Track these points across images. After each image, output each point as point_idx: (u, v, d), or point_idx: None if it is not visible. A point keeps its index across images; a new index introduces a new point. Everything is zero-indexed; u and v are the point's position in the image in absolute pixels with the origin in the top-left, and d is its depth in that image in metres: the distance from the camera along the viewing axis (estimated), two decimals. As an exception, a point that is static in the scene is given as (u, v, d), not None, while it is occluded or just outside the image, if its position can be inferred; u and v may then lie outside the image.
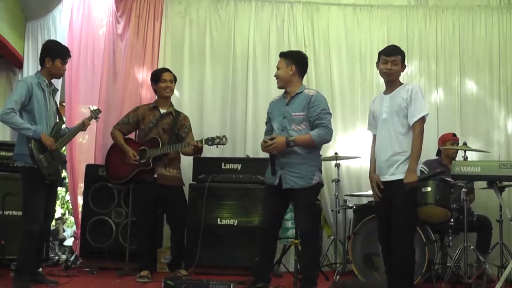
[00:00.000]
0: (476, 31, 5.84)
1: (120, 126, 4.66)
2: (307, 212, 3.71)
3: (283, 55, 3.91)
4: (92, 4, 5.74)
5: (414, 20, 5.88)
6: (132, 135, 4.78)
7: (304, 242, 3.73)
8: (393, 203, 3.55)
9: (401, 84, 3.75)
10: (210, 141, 4.41)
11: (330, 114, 3.75)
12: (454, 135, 5.14)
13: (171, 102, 4.73)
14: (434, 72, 5.79)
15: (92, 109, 4.42)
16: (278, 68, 3.84)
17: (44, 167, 3.79)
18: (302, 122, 3.69)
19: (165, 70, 4.76)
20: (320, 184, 3.81)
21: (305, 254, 3.75)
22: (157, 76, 4.66)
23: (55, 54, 3.97)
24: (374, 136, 3.79)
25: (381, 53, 3.76)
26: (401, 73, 3.80)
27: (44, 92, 3.92)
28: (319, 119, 3.66)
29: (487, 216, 4.84)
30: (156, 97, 4.74)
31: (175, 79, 4.76)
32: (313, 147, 3.74)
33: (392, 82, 3.74)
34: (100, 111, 4.46)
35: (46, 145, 3.80)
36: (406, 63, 5.77)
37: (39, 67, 4.07)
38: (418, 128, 3.56)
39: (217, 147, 4.46)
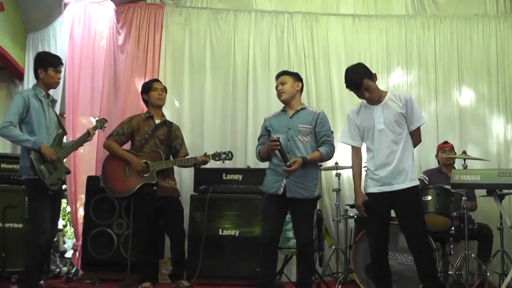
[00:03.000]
0: (474, 40, 5.88)
1: (115, 137, 4.56)
2: (309, 222, 3.84)
3: (287, 73, 4.02)
4: (92, 16, 5.76)
5: (413, 29, 5.93)
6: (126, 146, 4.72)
7: (306, 251, 3.82)
8: (407, 210, 3.53)
9: (385, 91, 3.69)
10: (217, 156, 4.47)
11: (333, 132, 3.94)
12: (445, 142, 5.16)
13: (162, 113, 4.73)
14: (433, 81, 5.82)
15: (97, 119, 4.40)
16: (283, 83, 3.90)
17: (46, 178, 3.76)
18: (308, 134, 3.81)
19: (156, 80, 4.80)
20: (319, 196, 3.96)
21: (304, 262, 3.84)
22: (149, 86, 4.68)
23: (46, 64, 3.96)
24: (356, 149, 3.71)
25: None
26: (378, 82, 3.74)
27: (42, 103, 3.90)
28: (327, 136, 3.82)
29: (487, 224, 4.86)
30: (148, 108, 4.70)
31: (165, 90, 4.77)
32: (319, 162, 3.97)
33: (376, 95, 3.65)
34: (106, 121, 4.43)
35: (46, 155, 3.77)
36: (404, 71, 5.87)
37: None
38: (415, 133, 3.62)
39: (223, 162, 4.51)
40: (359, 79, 3.57)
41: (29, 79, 5.47)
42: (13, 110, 3.77)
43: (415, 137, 3.63)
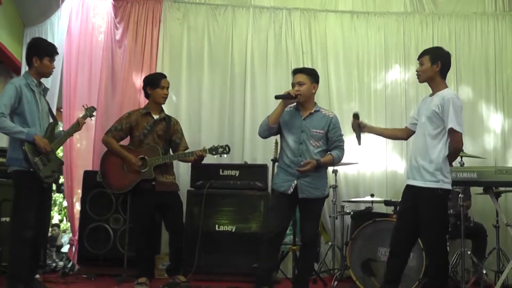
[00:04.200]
0: (472, 38, 5.89)
1: (113, 133, 4.50)
2: (316, 220, 3.96)
3: (306, 72, 3.95)
4: (90, 10, 5.75)
5: (411, 27, 5.93)
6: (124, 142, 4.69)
7: (309, 248, 3.91)
8: (423, 211, 3.49)
9: (446, 87, 3.63)
10: (214, 150, 4.41)
11: (343, 135, 3.99)
12: None
13: (162, 108, 4.68)
14: (431, 79, 5.81)
15: (86, 107, 4.26)
16: (301, 84, 3.85)
17: (40, 170, 3.69)
18: (320, 139, 3.84)
19: (164, 76, 4.68)
20: (328, 195, 4.03)
21: (306, 259, 3.93)
22: (156, 82, 4.56)
23: (42, 52, 3.82)
24: (406, 127, 3.81)
25: None
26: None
27: (34, 93, 3.78)
28: (339, 141, 3.89)
29: (482, 224, 4.87)
30: (148, 102, 4.63)
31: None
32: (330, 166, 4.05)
33: (431, 84, 3.66)
34: (95, 109, 4.32)
35: (40, 147, 3.68)
36: (402, 69, 5.84)
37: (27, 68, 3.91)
38: (450, 137, 3.50)
39: (220, 156, 4.46)
40: (425, 50, 3.67)
41: (26, 74, 5.44)
42: (5, 101, 3.62)
43: (451, 142, 3.49)
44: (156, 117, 4.55)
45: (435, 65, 3.57)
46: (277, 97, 3.82)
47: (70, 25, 5.59)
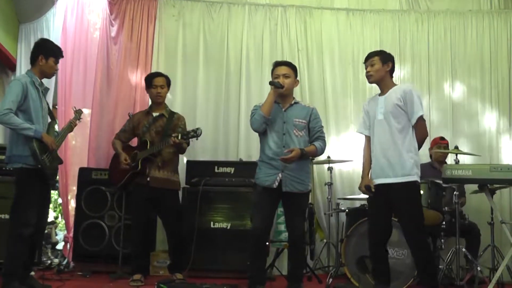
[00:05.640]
0: (467, 35, 5.90)
1: (119, 134, 4.71)
2: (302, 215, 3.93)
3: (291, 66, 3.99)
4: (85, 6, 5.72)
5: (406, 24, 5.94)
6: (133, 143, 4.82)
7: (298, 243, 3.90)
8: (399, 205, 3.55)
9: (396, 84, 3.75)
10: (185, 135, 4.29)
11: (323, 127, 4.02)
12: (442, 138, 5.18)
13: (165, 104, 4.69)
14: (426, 76, 5.84)
15: (74, 109, 4.28)
16: (287, 76, 3.89)
17: (47, 167, 3.73)
18: (303, 129, 3.87)
19: (157, 74, 4.72)
20: (310, 190, 4.01)
21: (297, 254, 3.93)
22: (149, 81, 4.64)
23: (49, 53, 3.88)
24: (367, 138, 3.78)
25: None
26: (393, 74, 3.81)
27: (38, 91, 3.82)
28: (320, 132, 3.92)
29: (475, 223, 4.88)
30: (150, 101, 4.74)
31: (169, 83, 4.71)
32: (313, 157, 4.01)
33: (381, 84, 3.75)
34: (82, 112, 4.31)
35: (48, 144, 3.73)
36: (398, 66, 5.85)
37: (30, 66, 3.95)
38: (419, 125, 3.58)
39: (191, 140, 4.33)
40: (374, 52, 3.75)
41: (22, 70, 5.41)
42: (12, 97, 3.65)
43: (419, 131, 3.59)
44: (155, 114, 4.56)
45: (386, 65, 3.69)
46: (271, 83, 3.85)
47: (65, 22, 5.55)
